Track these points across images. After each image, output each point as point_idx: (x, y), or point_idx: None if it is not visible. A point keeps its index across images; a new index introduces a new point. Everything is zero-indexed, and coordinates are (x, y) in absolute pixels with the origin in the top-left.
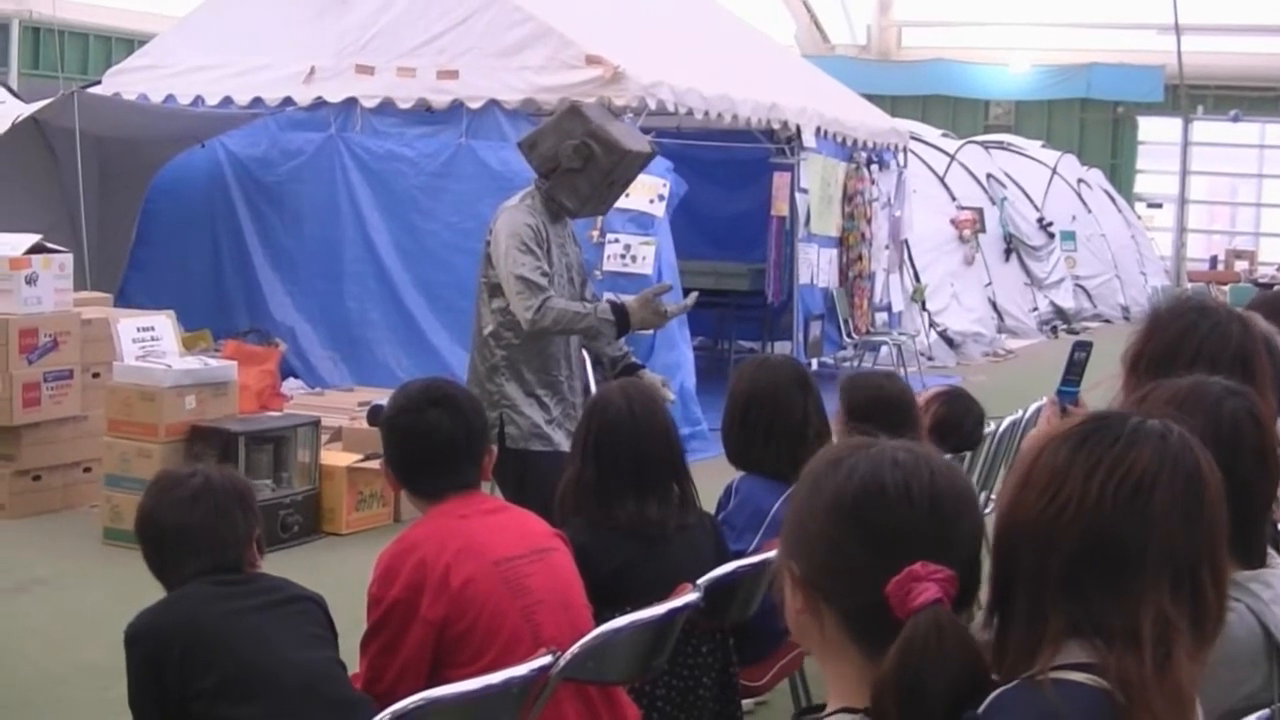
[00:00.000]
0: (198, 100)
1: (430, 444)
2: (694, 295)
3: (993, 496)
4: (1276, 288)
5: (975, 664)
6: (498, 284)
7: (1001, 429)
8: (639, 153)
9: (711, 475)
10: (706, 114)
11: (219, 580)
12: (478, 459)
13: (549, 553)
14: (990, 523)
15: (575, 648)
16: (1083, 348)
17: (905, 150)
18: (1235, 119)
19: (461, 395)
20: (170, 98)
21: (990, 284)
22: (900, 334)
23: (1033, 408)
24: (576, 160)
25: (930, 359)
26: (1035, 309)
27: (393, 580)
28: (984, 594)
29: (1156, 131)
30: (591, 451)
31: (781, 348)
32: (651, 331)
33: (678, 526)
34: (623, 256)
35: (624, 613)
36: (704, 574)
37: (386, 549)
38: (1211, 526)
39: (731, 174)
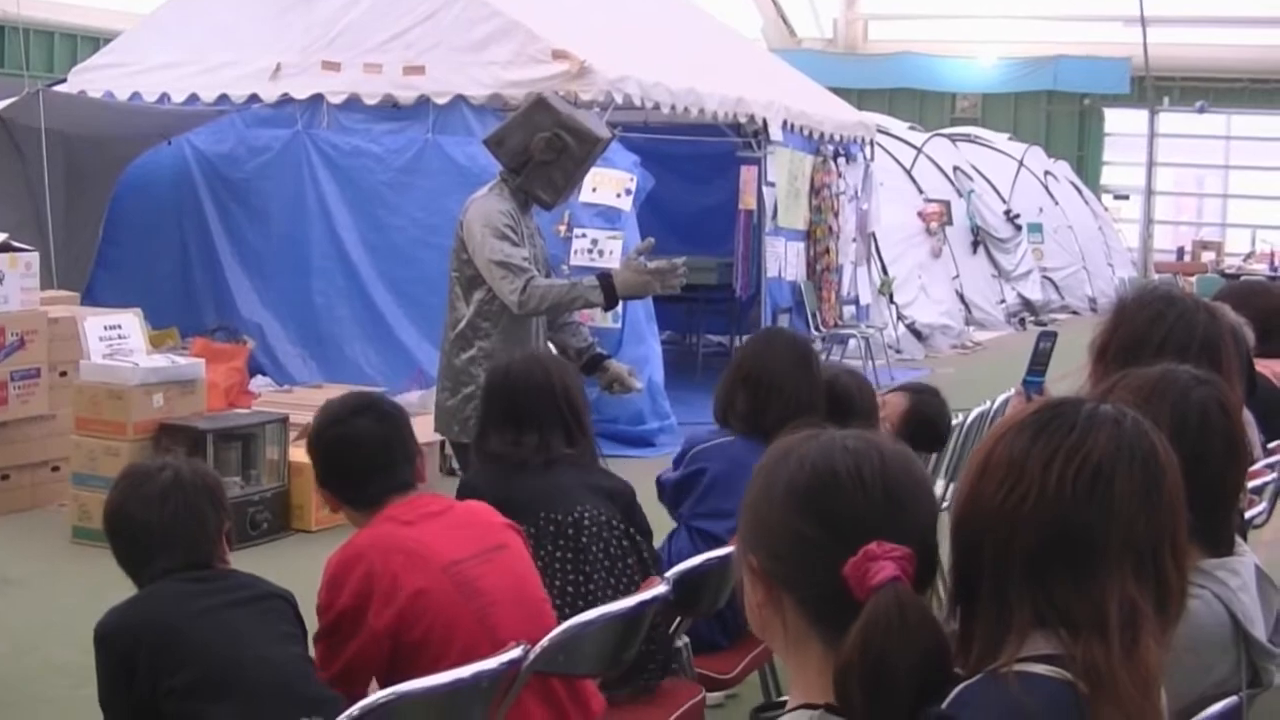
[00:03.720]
0: (163, 98)
1: (364, 450)
2: (682, 261)
3: None
4: (1243, 278)
5: (939, 642)
6: (474, 275)
7: (969, 420)
8: (606, 139)
9: None
10: (673, 108)
11: (190, 578)
12: (411, 459)
13: (499, 550)
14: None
15: (545, 641)
16: (1048, 338)
17: (872, 143)
18: (1201, 110)
19: (384, 401)
20: (136, 95)
21: (958, 276)
22: (868, 327)
23: (1000, 399)
24: (549, 153)
25: (898, 351)
26: (1003, 301)
27: (340, 588)
28: (945, 587)
29: (1123, 123)
30: (481, 410)
31: None
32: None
33: (569, 463)
34: (590, 251)
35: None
36: (597, 497)
37: (333, 555)
38: (1171, 508)
39: (698, 168)
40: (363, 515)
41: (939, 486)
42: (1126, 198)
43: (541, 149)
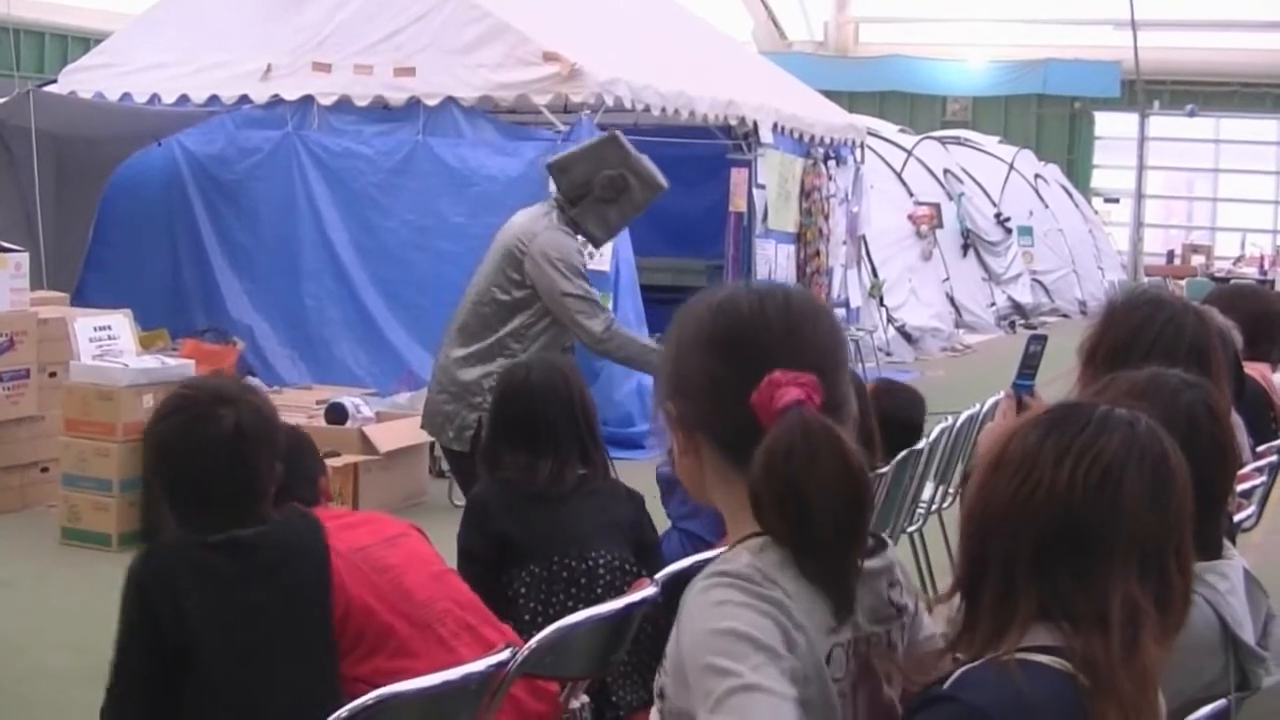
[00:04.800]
0: (154, 98)
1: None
2: None
3: (950, 490)
4: (1233, 282)
5: (848, 462)
6: (524, 299)
7: (959, 423)
8: (665, 188)
9: None
10: (664, 110)
11: (229, 545)
12: (314, 479)
13: (402, 538)
14: (957, 513)
15: (533, 642)
16: (1038, 341)
17: (862, 146)
18: (1191, 114)
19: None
20: (126, 96)
21: (948, 279)
22: (858, 329)
23: (990, 402)
24: (611, 191)
25: (888, 354)
26: (993, 304)
27: None
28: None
29: (1113, 126)
30: (494, 416)
31: None
32: None
33: (584, 491)
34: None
35: (528, 571)
36: (612, 538)
37: None
38: (1178, 513)
39: (689, 170)
40: None
41: (927, 490)
42: (1116, 201)
43: (604, 185)
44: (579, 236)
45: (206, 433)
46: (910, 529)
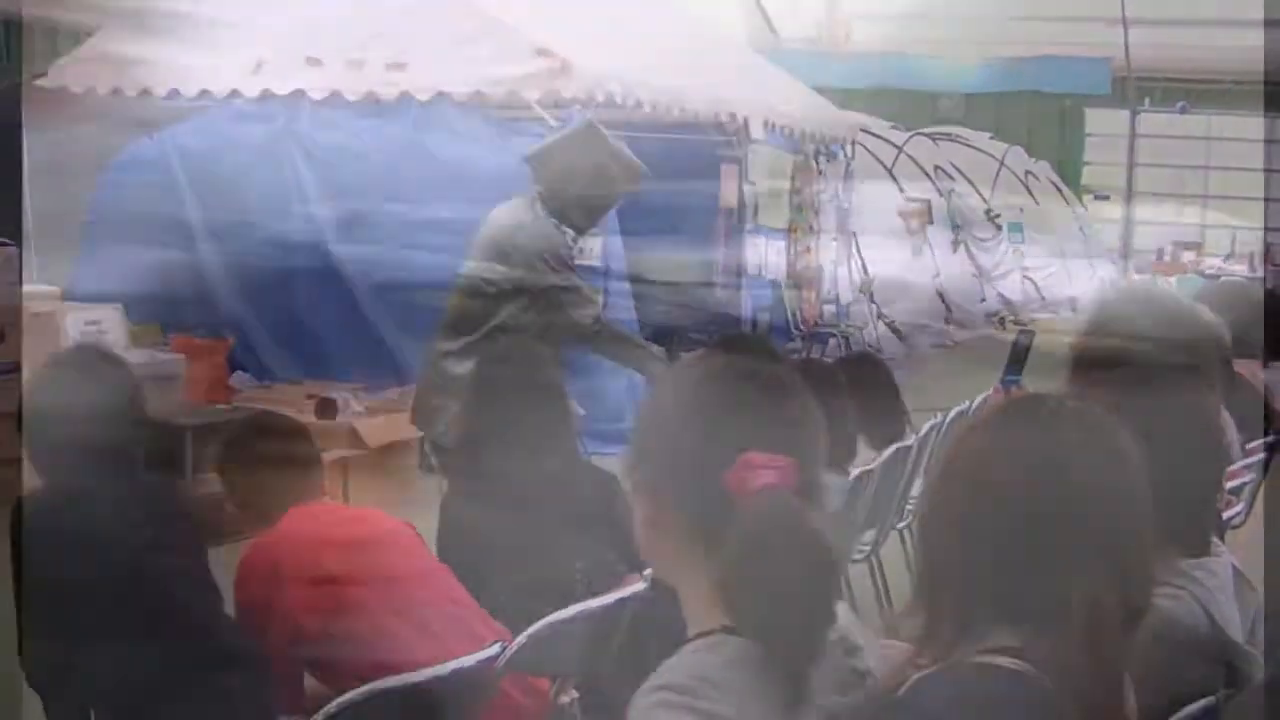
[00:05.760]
0: (145, 92)
1: (260, 467)
2: None
3: None
4: (1223, 279)
5: (820, 549)
6: (511, 291)
7: (948, 419)
8: (645, 174)
9: None
10: (655, 106)
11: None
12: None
13: (396, 534)
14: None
15: (522, 638)
16: (1025, 335)
17: (853, 142)
18: (1182, 111)
19: (281, 419)
20: (117, 90)
21: (938, 275)
22: (848, 326)
23: (979, 398)
24: (592, 179)
25: (878, 351)
26: (983, 300)
27: (248, 579)
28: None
29: (1104, 123)
30: (475, 393)
31: None
32: None
33: (555, 487)
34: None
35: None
36: (585, 539)
37: (243, 555)
38: (1135, 503)
39: (680, 166)
40: (267, 527)
41: (917, 486)
42: (1107, 198)
43: (585, 173)
44: (563, 227)
45: (64, 403)
46: (900, 525)
